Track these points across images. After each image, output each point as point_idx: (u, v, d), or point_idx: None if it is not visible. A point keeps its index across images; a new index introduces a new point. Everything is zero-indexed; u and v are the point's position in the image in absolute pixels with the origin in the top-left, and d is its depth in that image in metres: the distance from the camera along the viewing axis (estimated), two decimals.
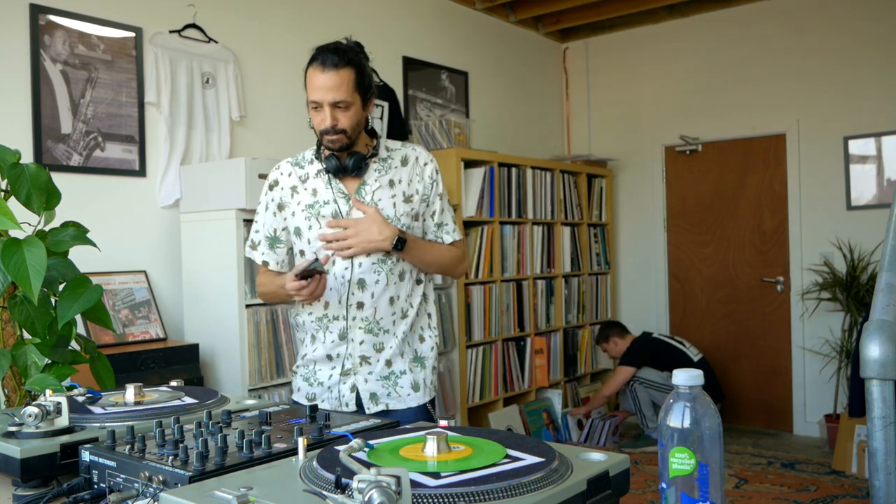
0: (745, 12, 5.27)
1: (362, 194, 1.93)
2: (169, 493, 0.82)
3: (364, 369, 1.95)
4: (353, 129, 1.86)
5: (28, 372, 1.62)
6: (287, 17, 3.92)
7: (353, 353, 1.94)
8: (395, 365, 1.97)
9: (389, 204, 1.93)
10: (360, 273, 1.92)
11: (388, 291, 1.93)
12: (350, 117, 1.84)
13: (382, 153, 1.97)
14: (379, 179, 1.94)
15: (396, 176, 1.97)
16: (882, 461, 1.11)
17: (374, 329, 1.93)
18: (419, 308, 2.02)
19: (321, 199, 1.94)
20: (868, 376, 1.14)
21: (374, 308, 1.93)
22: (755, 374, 5.32)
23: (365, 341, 1.94)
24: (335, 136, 1.85)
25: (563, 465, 0.88)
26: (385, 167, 1.96)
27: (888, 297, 1.19)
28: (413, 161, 2.00)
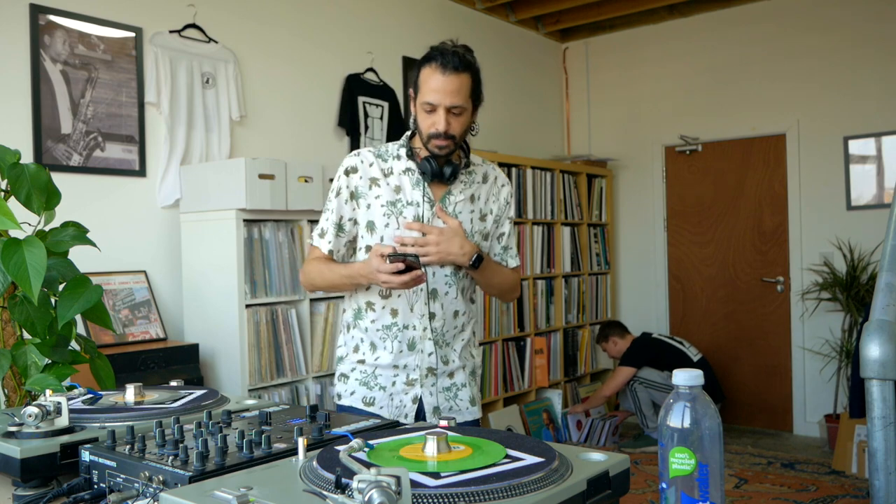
0: (745, 12, 5.27)
1: (446, 204, 1.89)
2: (169, 493, 0.82)
3: (429, 381, 1.91)
4: (460, 137, 1.82)
5: (28, 372, 1.62)
6: (287, 17, 3.92)
7: (422, 364, 1.89)
8: (457, 378, 1.96)
9: (468, 219, 1.91)
10: (433, 283, 1.88)
11: (455, 305, 1.92)
12: (462, 124, 1.81)
13: (470, 167, 1.94)
14: (463, 192, 1.91)
15: (477, 192, 1.95)
16: (882, 461, 1.11)
17: (440, 341, 1.91)
18: (472, 325, 2.02)
19: (406, 198, 1.87)
20: (868, 376, 1.14)
21: (443, 320, 1.90)
22: (755, 374, 5.32)
23: (433, 353, 1.90)
24: (444, 142, 1.79)
25: (563, 465, 0.88)
26: (469, 181, 1.93)
27: (888, 297, 1.19)
28: (492, 180, 1.99)
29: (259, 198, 3.04)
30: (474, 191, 1.93)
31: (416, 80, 1.81)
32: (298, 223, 3.30)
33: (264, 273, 3.14)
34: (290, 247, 3.24)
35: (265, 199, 3.06)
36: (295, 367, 3.24)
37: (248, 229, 3.08)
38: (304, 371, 3.28)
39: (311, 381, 3.32)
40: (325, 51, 4.11)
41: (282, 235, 3.21)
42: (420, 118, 1.81)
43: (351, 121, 4.17)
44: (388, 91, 4.41)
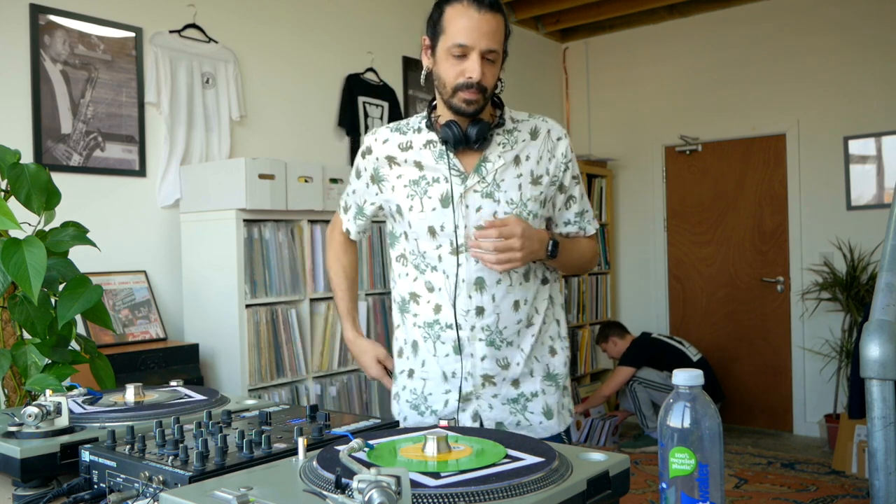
0: (745, 12, 5.27)
1: (483, 172, 1.58)
2: (169, 493, 0.82)
3: (487, 392, 1.60)
4: (491, 90, 1.55)
5: (28, 372, 1.62)
6: (287, 17, 3.92)
7: (474, 371, 1.59)
8: (524, 385, 1.63)
9: (514, 185, 1.58)
10: (477, 270, 1.56)
11: (513, 294, 1.59)
12: (494, 74, 1.53)
13: (508, 124, 1.63)
14: (503, 155, 1.59)
15: (524, 151, 1.61)
16: (882, 461, 1.11)
17: (496, 341, 1.58)
18: (546, 313, 1.66)
19: (430, 175, 1.59)
20: (868, 376, 1.14)
21: (495, 315, 1.58)
22: (755, 374, 5.32)
23: (487, 356, 1.58)
24: (475, 95, 1.50)
25: (563, 465, 0.88)
26: (511, 140, 1.61)
27: (888, 297, 1.19)
28: (544, 135, 1.64)
29: (259, 198, 3.04)
30: (519, 150, 1.60)
31: (436, 22, 1.52)
32: (298, 223, 3.30)
33: (264, 273, 3.14)
34: (290, 247, 3.24)
35: (265, 199, 3.06)
36: (295, 367, 3.24)
37: (248, 229, 3.08)
38: (304, 371, 3.28)
39: (311, 381, 3.32)
40: (325, 51, 4.11)
41: (282, 235, 3.21)
42: (443, 68, 1.52)
43: (351, 121, 4.17)
44: (388, 91, 4.41)
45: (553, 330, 1.68)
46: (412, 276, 1.64)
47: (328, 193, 3.35)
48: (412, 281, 1.64)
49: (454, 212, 1.56)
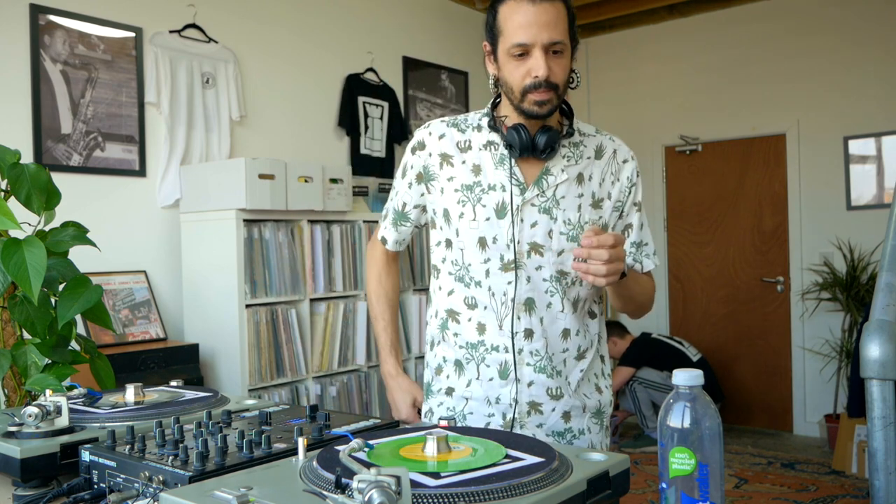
0: (745, 12, 5.27)
1: (543, 185, 1.45)
2: (169, 493, 0.82)
3: (532, 420, 1.48)
4: (564, 86, 1.41)
5: (28, 372, 1.62)
6: (287, 17, 3.92)
7: (521, 398, 1.48)
8: (574, 421, 1.51)
9: (574, 205, 1.45)
10: (528, 291, 1.45)
11: (562, 321, 1.48)
12: (564, 68, 1.40)
13: (576, 136, 1.50)
14: (567, 170, 1.46)
15: (588, 170, 1.48)
16: (882, 461, 1.11)
17: (547, 368, 1.47)
18: (593, 349, 1.55)
19: (487, 181, 1.46)
20: (868, 376, 1.14)
21: (544, 339, 1.46)
22: (755, 374, 5.32)
23: (535, 383, 1.47)
24: (546, 95, 1.37)
25: (563, 465, 0.88)
26: (576, 155, 1.48)
27: (888, 297, 1.19)
28: (610, 154, 1.50)
29: (259, 198, 3.04)
30: (583, 168, 1.47)
31: (492, 25, 1.41)
32: (298, 223, 3.30)
33: (264, 273, 3.14)
34: (290, 247, 3.24)
35: (265, 199, 3.06)
36: (295, 367, 3.24)
37: (248, 229, 3.08)
38: (304, 371, 3.28)
39: (311, 381, 3.32)
40: (325, 51, 4.11)
41: (282, 235, 3.21)
42: (508, 71, 1.40)
43: (351, 121, 4.17)
44: (388, 91, 4.41)
45: (598, 367, 1.56)
46: (453, 289, 1.52)
47: (328, 193, 3.35)
48: (451, 296, 1.52)
49: (513, 224, 1.43)
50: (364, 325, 3.52)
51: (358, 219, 3.57)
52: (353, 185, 3.62)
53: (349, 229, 3.52)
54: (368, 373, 3.59)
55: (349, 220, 3.53)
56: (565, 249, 1.45)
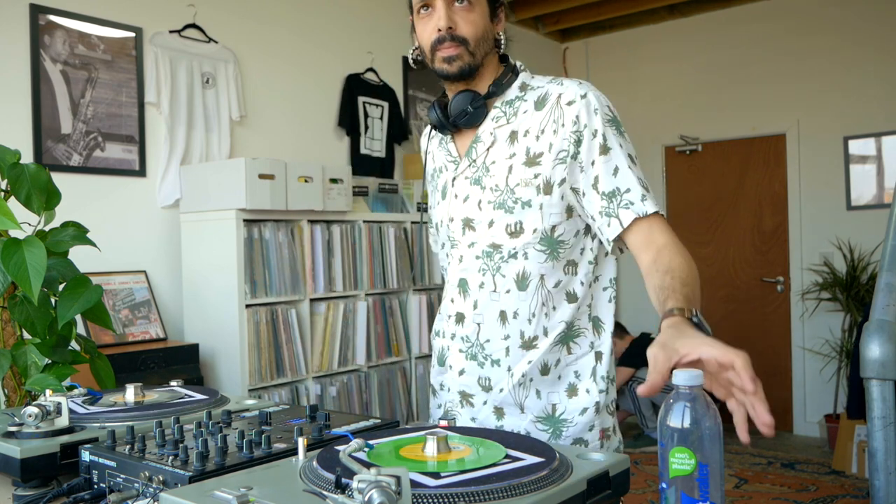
0: (745, 12, 5.27)
1: (473, 155, 1.33)
2: (169, 493, 0.82)
3: (465, 413, 1.36)
4: (476, 42, 1.29)
5: (28, 372, 1.62)
6: (287, 17, 3.92)
7: (453, 386, 1.37)
8: (508, 419, 1.31)
9: (503, 168, 1.29)
10: (461, 271, 1.34)
11: (499, 302, 1.29)
12: (474, 22, 1.29)
13: (511, 93, 1.33)
14: (496, 131, 1.32)
15: (523, 125, 1.30)
16: (882, 461, 1.11)
17: (477, 356, 1.32)
18: (569, 340, 1.30)
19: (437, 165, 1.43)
20: (868, 376, 1.14)
21: (475, 325, 1.32)
22: (755, 374, 5.31)
23: (466, 371, 1.34)
24: (451, 48, 1.29)
25: (563, 465, 0.88)
26: (510, 112, 1.32)
27: (888, 297, 1.19)
28: (553, 101, 1.28)
29: (259, 198, 3.04)
30: (517, 125, 1.31)
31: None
32: (298, 223, 3.29)
33: (264, 273, 3.14)
34: (290, 247, 3.24)
35: (265, 199, 3.06)
36: (295, 367, 3.24)
37: (248, 229, 3.08)
38: (304, 371, 3.28)
39: (311, 381, 3.32)
40: (325, 51, 4.11)
41: (282, 235, 3.21)
42: (419, 33, 1.38)
43: (351, 121, 4.17)
44: (388, 91, 4.41)
45: (585, 365, 1.30)
46: None
47: (328, 193, 3.35)
48: None
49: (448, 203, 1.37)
50: (364, 324, 3.52)
51: (358, 219, 3.57)
52: (353, 185, 3.62)
53: (349, 229, 3.52)
54: (368, 373, 3.59)
55: (349, 220, 3.53)
56: (494, 219, 1.28)
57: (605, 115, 1.27)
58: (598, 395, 1.30)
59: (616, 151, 1.25)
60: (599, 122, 1.26)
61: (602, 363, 1.32)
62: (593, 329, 1.33)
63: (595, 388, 1.30)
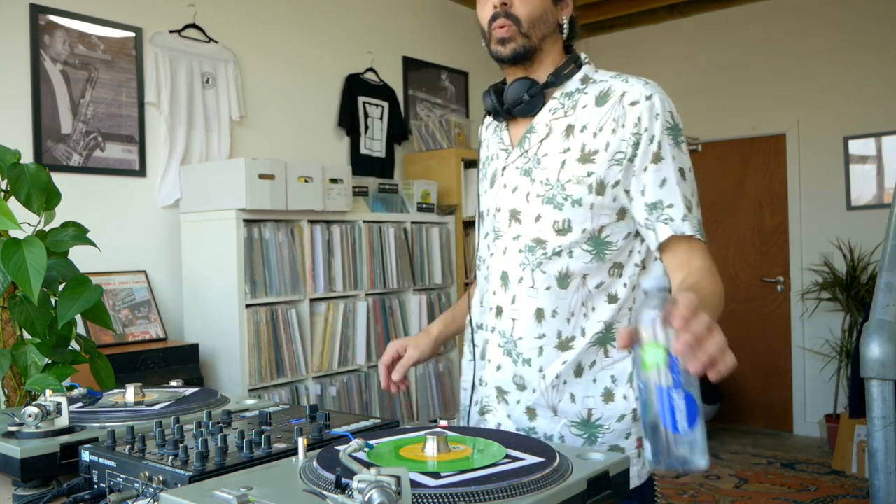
0: (745, 12, 5.27)
1: (526, 145, 1.30)
2: (169, 493, 0.82)
3: (501, 409, 1.31)
4: (531, 21, 1.25)
5: (28, 372, 1.62)
6: (287, 17, 3.92)
7: (490, 381, 1.33)
8: (541, 421, 1.27)
9: (556, 162, 1.25)
10: (503, 263, 1.30)
11: (536, 299, 1.25)
12: (531, 2, 1.25)
13: (572, 84, 1.29)
14: (553, 123, 1.28)
15: (581, 120, 1.25)
16: (882, 461, 1.11)
17: (511, 352, 1.29)
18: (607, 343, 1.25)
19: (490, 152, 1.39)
20: (868, 376, 1.14)
21: (510, 320, 1.28)
22: (755, 374, 5.32)
23: (503, 367, 1.30)
24: (505, 29, 1.25)
25: (563, 465, 0.88)
26: (569, 105, 1.28)
27: (888, 297, 1.19)
28: (616, 98, 1.24)
29: (259, 198, 3.04)
30: (575, 119, 1.26)
31: None
32: (298, 223, 3.30)
33: (264, 273, 3.14)
34: (290, 247, 3.24)
35: (265, 199, 3.06)
36: (295, 367, 3.24)
37: (248, 229, 3.08)
38: (304, 371, 3.28)
39: (311, 381, 3.32)
40: (325, 51, 4.11)
41: (282, 235, 3.21)
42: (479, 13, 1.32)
43: (351, 121, 4.17)
44: (388, 91, 4.41)
45: (622, 369, 1.25)
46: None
47: (328, 193, 3.35)
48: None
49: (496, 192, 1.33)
50: (364, 324, 3.52)
51: (358, 219, 3.57)
52: (353, 185, 3.62)
53: (349, 229, 3.52)
54: (368, 373, 3.59)
55: (349, 220, 3.53)
56: (541, 214, 1.25)
57: (666, 122, 1.22)
58: (636, 402, 1.24)
59: (667, 162, 1.21)
60: (659, 129, 1.21)
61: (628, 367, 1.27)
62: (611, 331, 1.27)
63: (632, 394, 1.24)
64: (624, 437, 1.25)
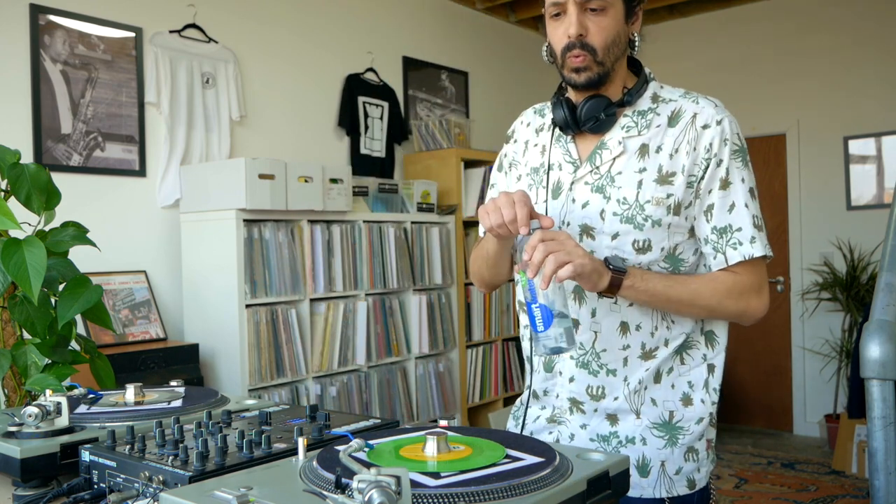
0: (744, 12, 5.27)
1: (597, 161, 1.31)
2: (169, 493, 0.82)
3: (575, 420, 1.35)
4: (605, 49, 1.26)
5: (28, 372, 1.62)
6: (287, 17, 3.92)
7: (562, 392, 1.36)
8: (623, 425, 1.32)
9: (632, 181, 1.27)
10: None
11: (619, 313, 1.30)
12: (606, 28, 1.25)
13: (643, 103, 1.32)
14: (626, 141, 1.30)
15: (655, 140, 1.29)
16: (882, 461, 1.11)
17: (591, 365, 1.32)
18: (683, 351, 1.32)
19: (549, 161, 1.37)
20: (868, 376, 1.14)
21: (592, 332, 1.31)
22: (755, 375, 5.32)
23: (576, 379, 1.33)
24: (580, 57, 1.25)
25: (563, 465, 0.88)
26: (641, 124, 1.30)
27: (888, 297, 1.19)
28: (688, 120, 1.28)
29: (259, 198, 3.04)
30: (649, 139, 1.29)
31: None
32: (298, 223, 3.30)
33: (264, 273, 3.14)
34: (290, 247, 3.24)
35: (265, 199, 3.06)
36: (295, 367, 3.24)
37: (248, 229, 3.08)
38: (304, 371, 3.28)
39: (311, 381, 3.32)
40: (325, 51, 4.11)
41: (282, 235, 3.21)
42: (549, 34, 1.31)
43: (351, 121, 4.17)
44: (388, 91, 4.41)
45: (698, 375, 1.32)
46: None
47: (328, 193, 3.35)
48: None
49: (562, 205, 1.33)
50: (364, 324, 3.52)
51: (358, 219, 3.57)
52: (353, 185, 3.62)
53: (349, 229, 3.52)
54: (368, 373, 3.59)
55: (349, 220, 3.53)
56: (619, 232, 1.28)
57: (734, 146, 1.28)
58: (711, 407, 1.34)
59: (736, 187, 1.27)
60: (727, 154, 1.27)
61: (714, 376, 1.34)
62: (706, 342, 1.35)
63: (709, 399, 1.33)
64: (699, 438, 1.33)
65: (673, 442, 1.30)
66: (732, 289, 1.27)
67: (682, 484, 1.31)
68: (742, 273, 1.27)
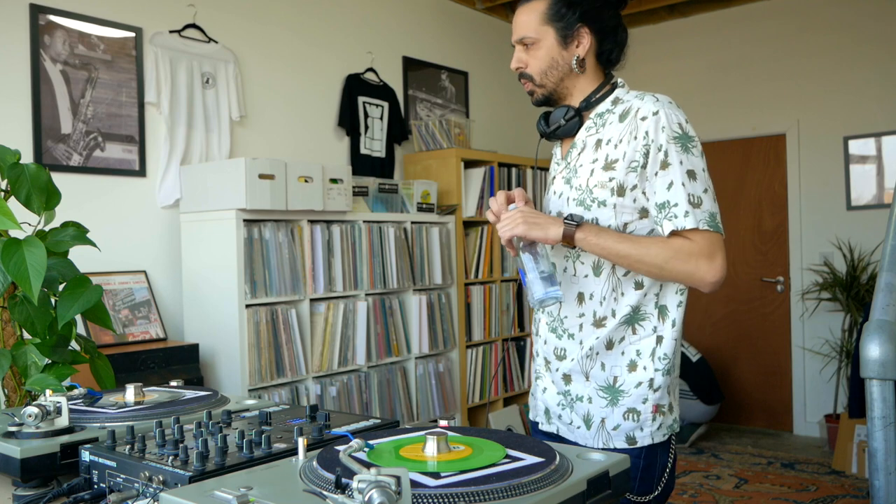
0: (745, 12, 5.27)
1: (569, 158, 1.57)
2: (169, 493, 0.82)
3: (547, 376, 1.61)
4: (542, 75, 1.53)
5: (28, 372, 1.62)
6: (287, 17, 3.92)
7: (540, 351, 1.64)
8: (574, 385, 1.54)
9: (587, 171, 1.50)
10: (553, 255, 1.57)
11: (577, 285, 1.52)
12: (540, 59, 1.52)
13: (604, 106, 1.54)
14: (587, 139, 1.54)
15: (606, 134, 1.50)
16: (882, 461, 1.11)
17: (557, 329, 1.56)
18: (635, 322, 1.48)
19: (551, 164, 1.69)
20: (868, 376, 1.14)
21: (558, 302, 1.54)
22: (755, 375, 5.32)
23: (548, 342, 1.59)
24: (526, 84, 1.57)
25: (563, 465, 0.88)
26: (600, 123, 1.53)
27: (888, 297, 1.19)
28: (632, 115, 1.47)
29: (259, 198, 3.04)
30: (603, 134, 1.51)
31: None
32: (298, 223, 3.30)
33: (264, 273, 3.14)
34: (290, 247, 3.24)
35: (265, 199, 3.06)
36: (295, 367, 3.24)
37: (248, 229, 3.08)
38: (304, 371, 3.28)
39: (311, 381, 3.32)
40: (325, 51, 4.11)
41: (282, 235, 3.21)
42: None
43: (351, 121, 4.17)
44: (388, 91, 4.41)
45: (646, 345, 1.47)
46: None
47: (328, 193, 3.35)
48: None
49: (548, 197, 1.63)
50: (364, 324, 3.52)
51: (358, 219, 3.57)
52: (353, 185, 3.63)
53: (349, 229, 3.52)
54: (368, 373, 3.59)
55: (349, 220, 3.53)
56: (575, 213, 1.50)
57: (673, 133, 1.44)
58: (654, 373, 1.47)
59: (674, 168, 1.43)
60: (664, 139, 1.43)
61: (662, 346, 1.48)
62: (658, 315, 1.49)
63: (652, 366, 1.47)
64: (641, 401, 1.47)
65: (614, 402, 1.48)
66: (680, 250, 1.40)
67: (621, 439, 1.47)
68: (694, 239, 1.40)
